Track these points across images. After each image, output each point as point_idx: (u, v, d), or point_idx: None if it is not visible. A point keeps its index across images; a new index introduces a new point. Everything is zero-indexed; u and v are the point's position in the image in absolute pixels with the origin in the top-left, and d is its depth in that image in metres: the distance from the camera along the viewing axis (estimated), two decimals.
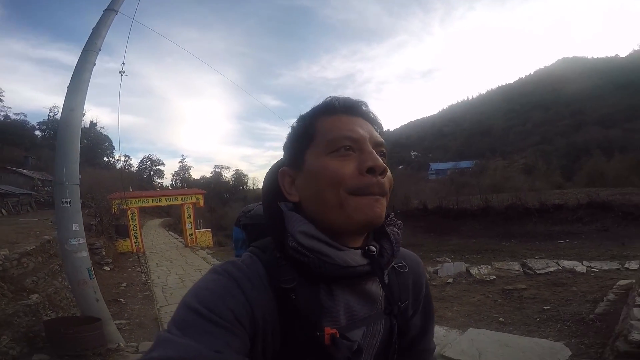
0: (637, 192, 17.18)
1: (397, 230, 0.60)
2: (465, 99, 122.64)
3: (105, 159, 52.13)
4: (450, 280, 6.15)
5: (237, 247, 0.77)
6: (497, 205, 18.97)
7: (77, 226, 3.72)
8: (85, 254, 3.82)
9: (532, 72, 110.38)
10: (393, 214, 0.61)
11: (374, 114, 0.60)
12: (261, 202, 0.67)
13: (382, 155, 0.56)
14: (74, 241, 3.70)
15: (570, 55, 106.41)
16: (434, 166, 51.13)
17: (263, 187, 0.64)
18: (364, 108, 0.59)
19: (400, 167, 59.36)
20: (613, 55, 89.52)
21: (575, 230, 15.15)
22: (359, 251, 0.54)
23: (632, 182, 19.71)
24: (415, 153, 75.17)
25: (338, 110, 0.57)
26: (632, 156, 24.53)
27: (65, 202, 3.73)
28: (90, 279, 3.76)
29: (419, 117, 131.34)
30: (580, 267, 6.19)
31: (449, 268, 6.64)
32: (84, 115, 4.13)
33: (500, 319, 4.35)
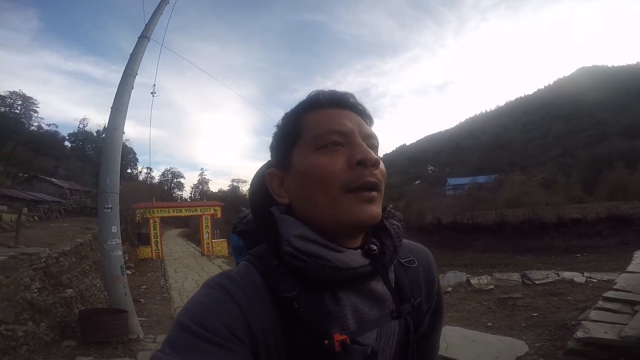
0: None
1: (397, 223, 0.58)
2: (483, 111, 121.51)
3: (129, 170, 54.39)
4: (450, 289, 6.36)
5: (237, 255, 0.74)
6: (513, 220, 18.91)
7: (115, 228, 4.37)
8: (119, 252, 4.45)
9: (551, 83, 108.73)
10: (391, 206, 0.59)
11: (362, 106, 0.57)
12: None
13: (373, 148, 0.53)
14: (112, 241, 4.33)
15: (590, 64, 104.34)
16: (451, 181, 50.52)
17: (250, 192, 0.62)
18: (351, 100, 0.56)
19: (417, 182, 58.99)
20: (634, 62, 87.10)
21: (594, 244, 14.89)
22: (359, 251, 0.52)
23: None
24: (432, 168, 74.42)
25: (324, 104, 0.55)
26: None
27: (107, 207, 4.39)
28: (122, 275, 4.35)
29: (436, 131, 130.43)
30: (579, 278, 6.28)
31: (450, 278, 6.88)
32: (124, 133, 4.81)
33: (489, 324, 4.55)
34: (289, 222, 0.52)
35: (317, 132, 0.52)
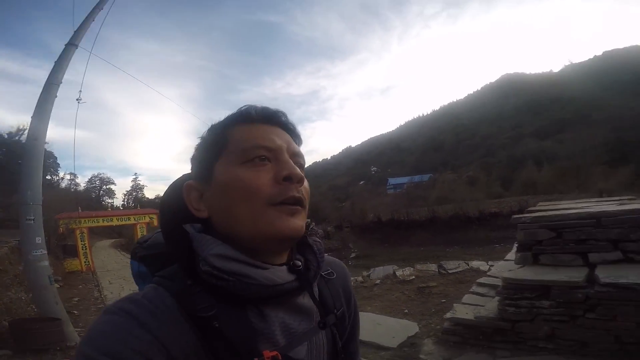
0: (561, 197, 19.56)
1: (319, 240, 0.59)
2: (421, 114, 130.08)
3: (49, 177, 48.35)
4: (378, 281, 7.04)
5: (140, 283, 0.70)
6: (442, 215, 20.83)
7: (39, 239, 4.32)
8: (46, 263, 4.40)
9: (479, 88, 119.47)
10: (313, 223, 0.60)
11: (293, 125, 0.58)
12: (159, 231, 0.61)
13: (299, 166, 0.54)
14: (36, 252, 4.28)
15: (512, 72, 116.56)
16: (392, 181, 53.25)
17: (162, 208, 0.58)
18: (283, 118, 0.57)
19: (362, 182, 61.37)
20: (548, 70, 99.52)
21: (510, 235, 16.64)
22: (284, 267, 0.52)
23: (559, 189, 22.45)
24: (375, 169, 77.65)
25: (255, 119, 0.55)
26: (559, 165, 27.85)
27: (30, 219, 4.34)
28: (51, 284, 4.30)
29: (379, 133, 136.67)
30: (484, 266, 7.24)
31: (379, 271, 7.59)
32: (46, 143, 4.68)
33: (405, 310, 5.17)
34: (206, 240, 0.49)
35: (245, 146, 0.52)
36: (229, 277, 0.47)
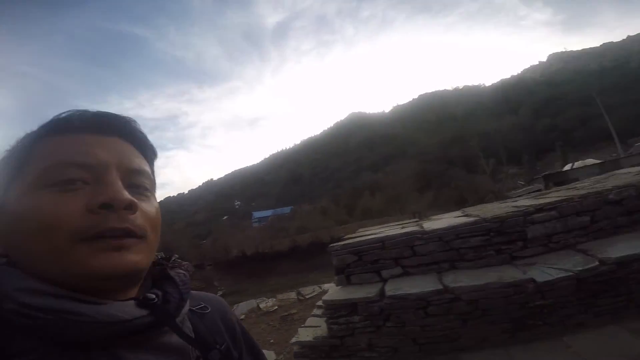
0: (388, 220, 24.06)
1: (183, 271, 0.52)
2: (284, 148, 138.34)
3: None
4: (243, 316, 7.29)
5: None
6: (302, 244, 22.78)
7: None
8: None
9: (332, 125, 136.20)
10: (177, 256, 0.54)
11: (142, 133, 0.47)
12: None
13: (140, 187, 0.44)
14: None
15: (357, 110, 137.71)
16: (257, 214, 53.60)
17: None
18: (125, 125, 0.45)
19: (225, 217, 59.65)
20: (381, 110, 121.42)
21: None
22: (132, 302, 0.41)
23: (387, 213, 27.81)
24: (238, 203, 76.88)
25: (77, 128, 0.42)
26: (386, 193, 34.71)
27: None
28: None
29: (244, 166, 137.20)
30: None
31: (243, 306, 7.97)
32: None
33: (271, 341, 5.37)
34: (9, 274, 0.37)
35: (49, 164, 0.39)
36: (46, 316, 0.35)
